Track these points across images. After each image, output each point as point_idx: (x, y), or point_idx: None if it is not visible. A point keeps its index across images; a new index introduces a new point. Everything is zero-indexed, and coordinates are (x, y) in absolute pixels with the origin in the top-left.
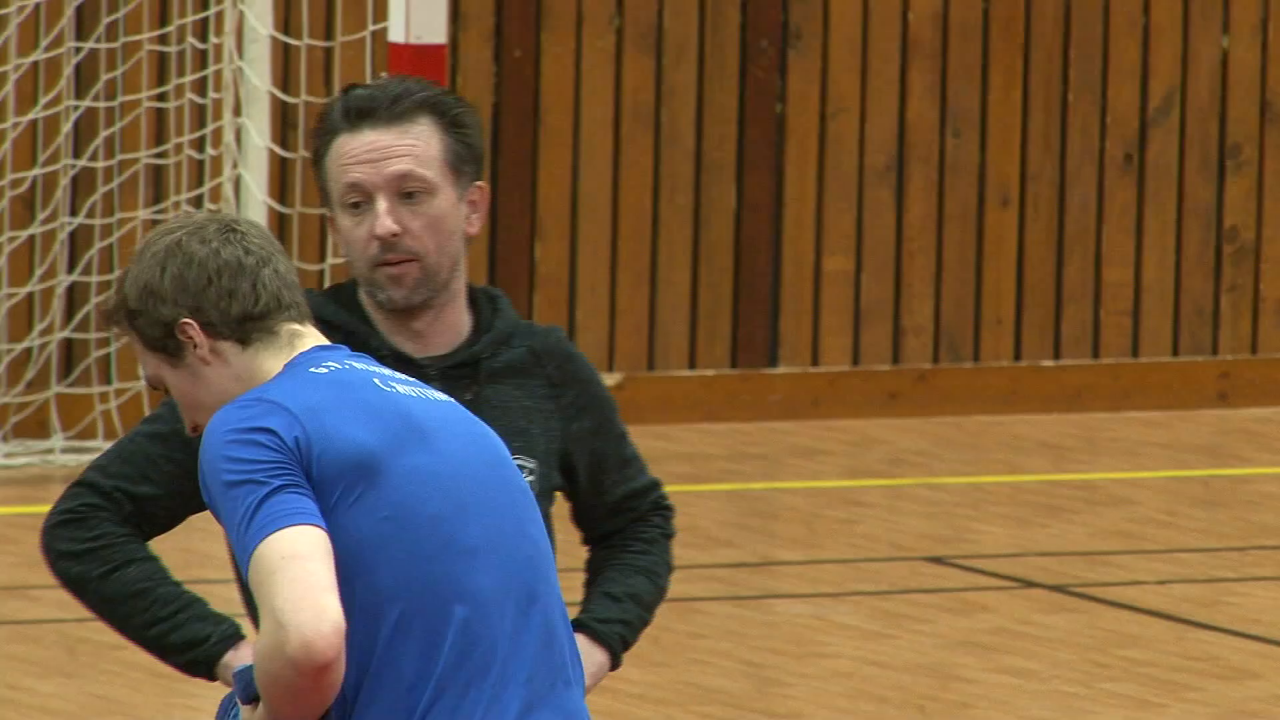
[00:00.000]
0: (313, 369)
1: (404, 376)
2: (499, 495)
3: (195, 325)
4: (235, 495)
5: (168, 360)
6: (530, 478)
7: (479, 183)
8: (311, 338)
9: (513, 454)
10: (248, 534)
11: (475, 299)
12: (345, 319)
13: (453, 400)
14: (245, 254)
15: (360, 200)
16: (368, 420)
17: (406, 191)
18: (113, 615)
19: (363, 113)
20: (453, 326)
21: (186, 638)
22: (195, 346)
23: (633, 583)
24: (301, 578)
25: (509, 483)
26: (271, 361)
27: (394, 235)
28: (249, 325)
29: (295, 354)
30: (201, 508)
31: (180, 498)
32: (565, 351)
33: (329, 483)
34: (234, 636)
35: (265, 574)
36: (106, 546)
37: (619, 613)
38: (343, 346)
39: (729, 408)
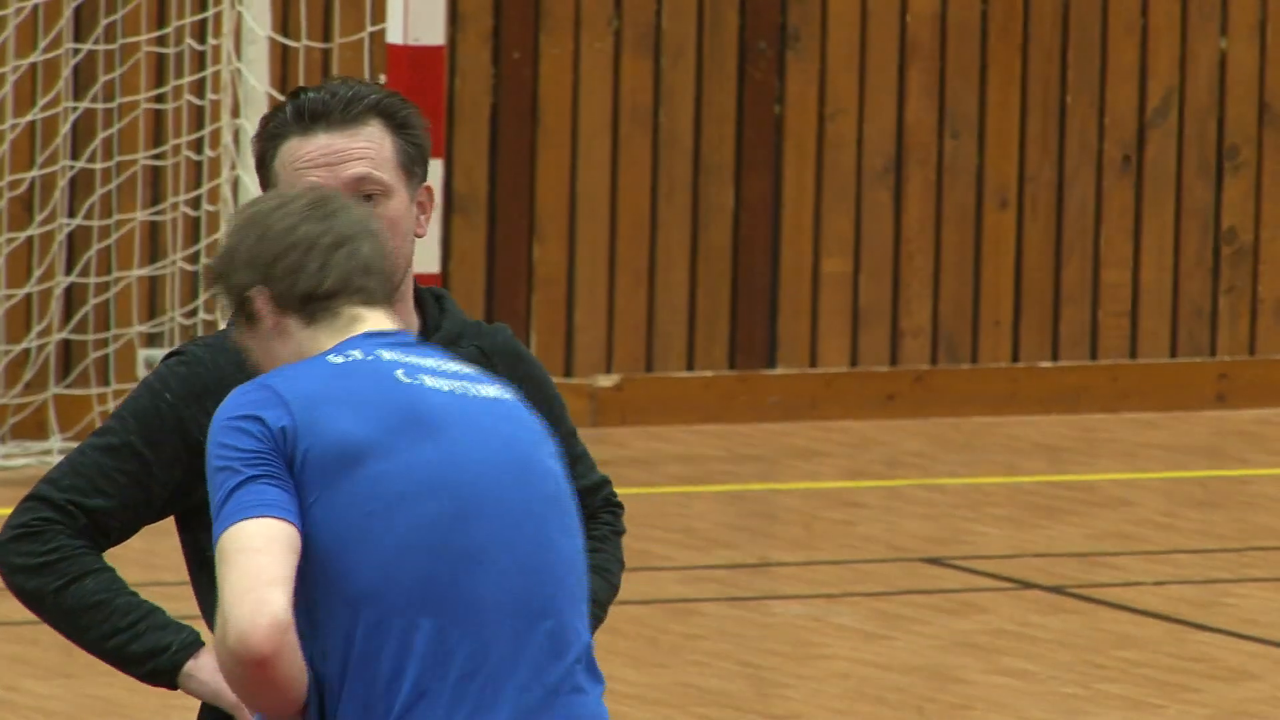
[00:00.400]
0: (331, 357)
1: (453, 369)
2: (517, 499)
3: (264, 297)
4: (215, 482)
5: (246, 327)
6: None
7: (427, 184)
8: (371, 322)
9: None
10: (217, 522)
11: (421, 299)
12: None
13: (502, 398)
14: (324, 233)
15: None
16: (364, 413)
17: (364, 194)
18: (71, 628)
19: (316, 115)
20: (402, 327)
21: (147, 647)
22: (263, 318)
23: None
24: (250, 571)
25: (534, 487)
26: (328, 343)
27: None
28: (314, 304)
29: (346, 338)
30: (156, 517)
31: (133, 509)
32: (514, 350)
33: (312, 475)
34: (194, 644)
35: (221, 565)
36: (62, 559)
37: None
38: (400, 333)
39: (727, 409)
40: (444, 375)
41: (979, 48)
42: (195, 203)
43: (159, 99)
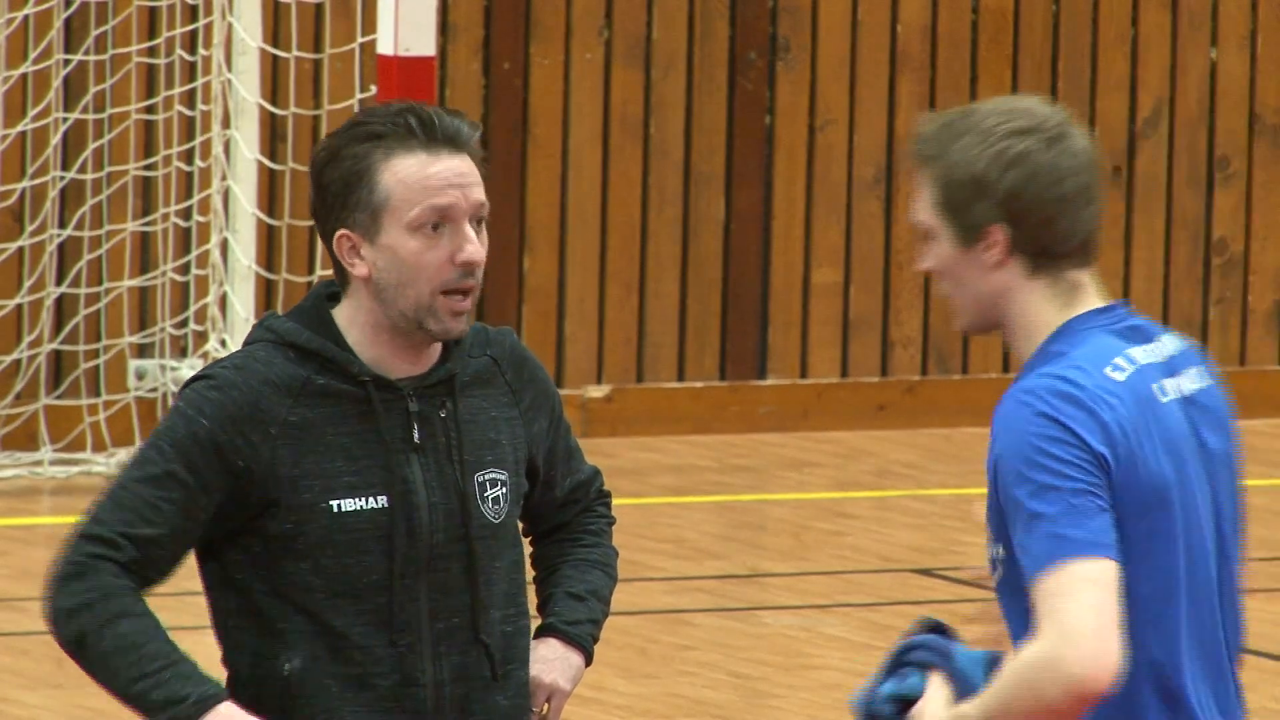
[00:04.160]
0: (1111, 370)
1: (1165, 352)
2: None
3: (1003, 236)
4: (1031, 488)
5: (958, 249)
6: (503, 490)
7: None
8: (1091, 291)
9: (486, 467)
10: (1040, 535)
11: None
12: (320, 345)
13: (1205, 388)
14: (1083, 182)
15: (440, 223)
16: (1164, 451)
17: (478, 219)
18: (104, 671)
19: (449, 138)
20: (437, 347)
21: (166, 696)
22: (987, 254)
23: (591, 579)
24: (1104, 609)
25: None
26: (1045, 305)
27: (480, 263)
28: (1046, 259)
29: (1073, 313)
30: (196, 544)
31: (180, 536)
32: (520, 355)
33: (1125, 513)
34: (214, 698)
35: (1061, 587)
36: (103, 598)
37: (586, 612)
38: (1116, 309)
39: (718, 419)
40: (1165, 370)
41: (969, 58)
42: (186, 213)
43: (150, 110)
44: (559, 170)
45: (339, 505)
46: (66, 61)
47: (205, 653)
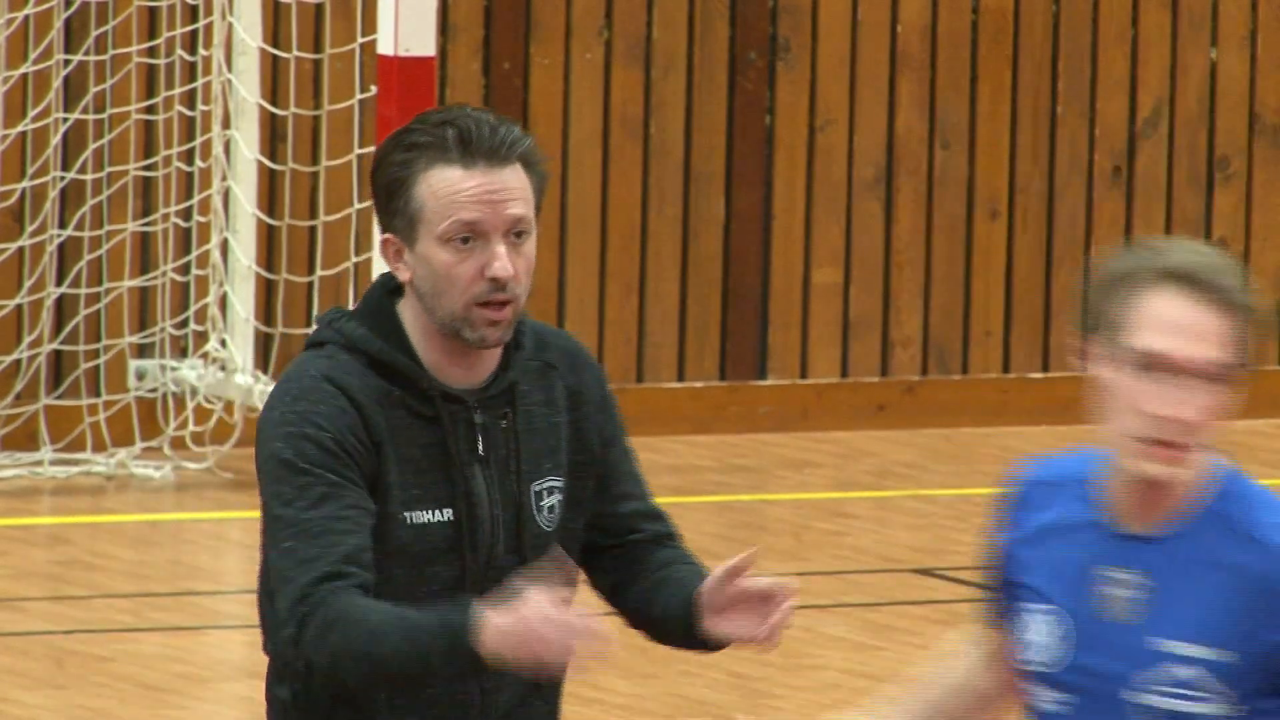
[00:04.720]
0: None
1: None
2: None
3: None
4: None
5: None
6: (558, 498)
7: None
8: None
9: (544, 476)
10: None
11: None
12: (392, 357)
13: None
14: None
15: (470, 237)
16: None
17: (516, 232)
18: (375, 665)
19: (487, 151)
20: (494, 353)
21: (448, 641)
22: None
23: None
24: None
25: None
26: None
27: (511, 278)
28: None
29: None
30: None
31: (371, 527)
32: (578, 355)
33: None
34: (479, 610)
35: None
36: (340, 617)
37: None
38: None
39: (718, 420)
40: None
41: (969, 58)
42: (186, 214)
43: (150, 110)
44: (559, 170)
45: (412, 518)
46: (66, 61)
47: (214, 654)
